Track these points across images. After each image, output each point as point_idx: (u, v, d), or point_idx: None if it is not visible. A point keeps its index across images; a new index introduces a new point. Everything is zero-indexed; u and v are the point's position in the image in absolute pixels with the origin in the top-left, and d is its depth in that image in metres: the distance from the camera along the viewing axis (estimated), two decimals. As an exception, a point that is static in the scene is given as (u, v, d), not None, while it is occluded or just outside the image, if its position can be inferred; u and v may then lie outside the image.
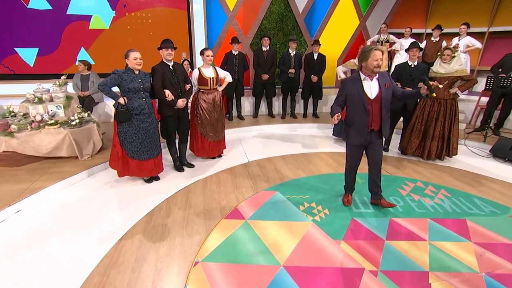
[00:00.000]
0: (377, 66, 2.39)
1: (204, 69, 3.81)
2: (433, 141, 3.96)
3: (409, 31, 6.07)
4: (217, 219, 2.79)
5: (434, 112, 3.90)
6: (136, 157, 3.26)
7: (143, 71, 3.18)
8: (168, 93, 3.30)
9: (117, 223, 2.71)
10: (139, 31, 6.21)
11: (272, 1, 6.60)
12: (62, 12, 5.79)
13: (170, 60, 3.35)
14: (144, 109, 3.14)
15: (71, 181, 3.49)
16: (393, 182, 3.48)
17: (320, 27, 6.99)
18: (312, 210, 2.91)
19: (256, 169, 3.86)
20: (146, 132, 3.22)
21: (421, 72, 3.89)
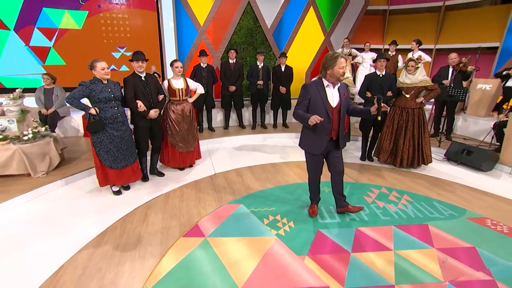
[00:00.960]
0: (342, 74, 2.22)
1: (173, 80, 3.55)
2: (404, 149, 3.85)
3: (369, 45, 6.14)
4: (174, 237, 2.44)
5: (403, 121, 3.82)
6: (114, 166, 3.03)
7: (112, 80, 2.97)
8: (140, 104, 3.06)
9: (61, 248, 2.28)
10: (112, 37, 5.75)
11: (242, 17, 6.46)
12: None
13: (142, 71, 3.14)
14: (117, 117, 2.94)
15: (22, 200, 3.00)
16: (359, 189, 3.30)
17: (288, 41, 6.94)
18: (276, 223, 2.63)
19: (222, 181, 3.55)
20: (121, 139, 3.02)
21: (389, 81, 3.82)
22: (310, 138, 2.45)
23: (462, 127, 5.49)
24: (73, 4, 5.36)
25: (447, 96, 4.57)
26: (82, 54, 5.47)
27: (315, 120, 2.18)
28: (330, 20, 7.06)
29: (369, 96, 3.90)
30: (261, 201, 3.02)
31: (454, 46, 6.65)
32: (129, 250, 2.26)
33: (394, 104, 3.92)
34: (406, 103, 3.78)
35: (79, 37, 5.52)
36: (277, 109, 5.89)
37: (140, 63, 3.09)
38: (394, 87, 3.84)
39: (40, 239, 2.41)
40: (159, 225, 2.63)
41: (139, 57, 3.08)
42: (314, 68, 7.22)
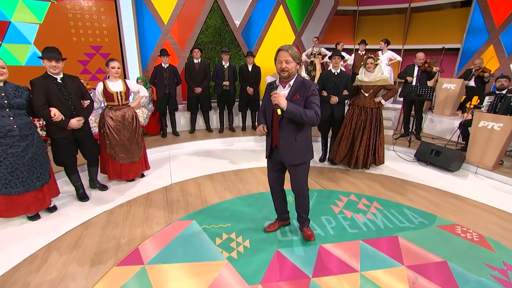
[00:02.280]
0: (282, 70, 1.84)
1: (110, 83, 3.02)
2: (360, 149, 3.61)
3: (342, 45, 5.95)
4: (107, 267, 1.99)
5: (361, 120, 3.57)
6: (3, 192, 2.29)
7: (12, 83, 2.31)
8: (54, 113, 2.43)
9: None
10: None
11: (209, 15, 6.03)
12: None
13: (58, 73, 2.51)
14: (11, 130, 2.23)
15: None
16: (327, 198, 2.98)
17: (258, 41, 6.59)
18: (230, 242, 2.24)
19: (176, 193, 3.10)
20: (19, 159, 2.29)
21: (344, 79, 3.57)
22: (266, 140, 2.12)
23: (430, 126, 5.40)
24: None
25: (415, 95, 4.41)
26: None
27: (258, 131, 2.02)
28: (301, 19, 6.80)
29: (325, 96, 3.63)
30: (216, 216, 2.62)
31: (420, 46, 6.61)
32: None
33: (353, 103, 3.68)
34: (365, 102, 3.55)
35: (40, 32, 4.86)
36: (245, 110, 5.51)
37: (54, 62, 2.43)
38: (349, 86, 3.60)
39: None
40: (92, 250, 2.16)
41: (51, 55, 2.41)
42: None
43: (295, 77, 1.91)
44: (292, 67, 1.84)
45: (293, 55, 1.81)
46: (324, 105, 3.66)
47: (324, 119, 3.73)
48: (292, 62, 1.82)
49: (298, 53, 1.86)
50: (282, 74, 1.86)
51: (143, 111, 4.79)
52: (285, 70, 1.83)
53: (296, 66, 1.86)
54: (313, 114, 1.83)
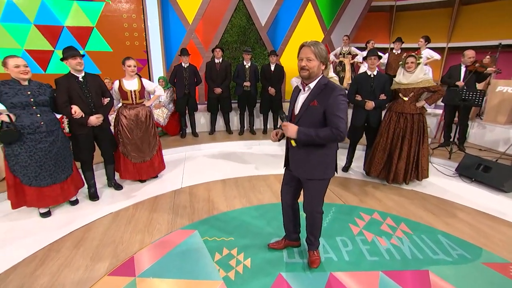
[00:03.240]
0: (301, 68, 1.58)
1: (125, 81, 3.01)
2: (400, 161, 3.14)
3: (372, 43, 5.41)
4: (99, 276, 1.89)
5: (400, 128, 3.11)
6: (34, 184, 2.43)
7: (38, 82, 2.41)
8: (75, 110, 2.50)
9: None
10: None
11: (233, 14, 5.90)
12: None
13: (80, 70, 2.58)
14: (39, 127, 2.35)
15: None
16: (346, 215, 2.63)
17: (284, 40, 6.32)
18: (230, 260, 2.03)
19: (185, 198, 2.97)
20: (46, 153, 2.43)
21: (382, 82, 3.14)
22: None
23: (477, 135, 4.67)
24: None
25: (459, 100, 3.80)
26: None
27: (271, 137, 1.83)
28: (330, 17, 6.38)
29: (360, 100, 3.24)
30: (221, 227, 2.42)
31: (470, 44, 5.79)
32: (30, 296, 1.73)
33: (389, 109, 3.23)
34: (404, 107, 3.09)
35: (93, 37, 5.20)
36: (267, 112, 5.27)
37: (78, 59, 2.52)
38: (388, 89, 3.16)
39: None
40: (88, 256, 2.08)
41: (75, 53, 2.50)
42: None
43: (317, 78, 1.61)
44: (314, 66, 1.55)
45: (316, 52, 1.54)
46: (358, 110, 3.32)
47: (358, 126, 3.36)
48: (314, 60, 1.55)
49: (324, 51, 1.57)
50: (301, 73, 1.59)
51: (163, 111, 4.79)
52: (305, 68, 1.56)
53: (320, 66, 1.58)
54: (329, 133, 1.51)
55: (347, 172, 3.71)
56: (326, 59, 1.59)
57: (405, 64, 3.02)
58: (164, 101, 4.86)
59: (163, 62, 5.69)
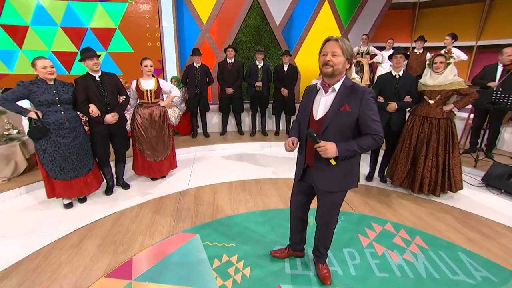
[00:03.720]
0: (324, 64, 1.39)
1: (142, 80, 3.06)
2: (425, 170, 2.90)
3: (391, 42, 5.13)
4: (96, 276, 1.88)
5: (424, 134, 2.88)
6: (59, 177, 2.58)
7: (62, 81, 2.53)
8: (92, 109, 2.59)
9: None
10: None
11: (248, 14, 5.83)
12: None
13: (97, 70, 2.66)
14: (63, 123, 2.49)
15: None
16: (356, 224, 2.47)
17: (299, 40, 6.16)
18: (228, 267, 1.94)
19: (189, 200, 2.93)
20: (69, 148, 2.56)
21: (408, 83, 2.91)
22: (298, 156, 1.74)
23: (509, 142, 4.28)
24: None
25: (488, 103, 3.48)
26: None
27: (286, 145, 1.59)
28: (348, 16, 6.14)
29: (382, 102, 3.04)
30: (223, 232, 2.34)
31: (503, 41, 5.33)
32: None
33: (413, 113, 3.00)
34: (429, 111, 2.85)
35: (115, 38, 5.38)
36: (279, 113, 5.15)
37: (95, 60, 2.59)
38: (414, 91, 2.93)
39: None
40: (89, 256, 2.08)
41: (92, 54, 2.58)
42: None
43: (342, 79, 1.44)
44: (339, 63, 1.38)
45: (343, 48, 1.37)
46: (380, 113, 3.10)
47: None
48: (340, 56, 1.37)
49: (350, 47, 1.41)
50: (324, 69, 1.39)
51: (174, 110, 4.81)
52: (329, 64, 1.37)
53: (345, 64, 1.41)
54: (371, 142, 1.40)
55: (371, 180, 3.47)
56: (352, 57, 1.42)
57: (433, 64, 2.78)
58: (176, 101, 4.88)
59: (177, 62, 5.74)
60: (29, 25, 5.21)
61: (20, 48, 5.29)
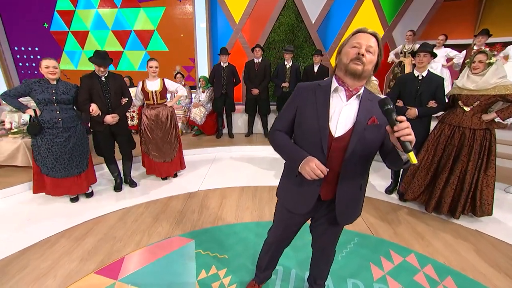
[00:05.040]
0: (355, 59, 1.04)
1: (148, 82, 3.06)
2: (448, 188, 2.43)
3: (443, 39, 4.43)
4: (87, 270, 1.92)
5: (453, 146, 2.42)
6: (51, 174, 2.66)
7: (66, 82, 2.62)
8: (93, 108, 2.64)
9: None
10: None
11: (282, 12, 5.64)
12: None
13: (104, 71, 2.70)
14: (57, 122, 2.54)
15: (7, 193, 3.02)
16: (371, 250, 2.12)
17: (336, 39, 5.74)
18: (214, 282, 1.81)
19: (196, 202, 2.87)
20: (61, 147, 2.61)
21: (433, 86, 2.47)
22: (290, 189, 1.28)
23: None
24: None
25: None
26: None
27: (312, 172, 1.06)
28: (394, 11, 5.50)
29: (401, 107, 2.61)
30: (219, 241, 2.22)
31: None
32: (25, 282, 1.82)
33: (442, 120, 2.52)
34: (463, 120, 2.37)
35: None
36: (308, 117, 4.84)
37: (102, 68, 2.64)
38: (440, 94, 2.47)
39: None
40: (88, 249, 2.15)
41: (99, 62, 2.63)
42: (368, 70, 5.77)
43: (363, 87, 1.13)
44: (372, 63, 1.06)
45: (379, 44, 1.08)
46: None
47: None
48: (374, 54, 1.06)
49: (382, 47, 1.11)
50: (352, 66, 1.05)
51: (200, 110, 4.86)
52: (362, 61, 1.04)
53: (373, 67, 1.09)
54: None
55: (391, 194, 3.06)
56: (378, 62, 1.11)
57: (471, 63, 2.28)
58: (203, 100, 4.93)
59: (209, 62, 5.82)
60: (89, 30, 5.94)
61: (82, 49, 6.09)
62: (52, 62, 2.46)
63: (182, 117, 5.06)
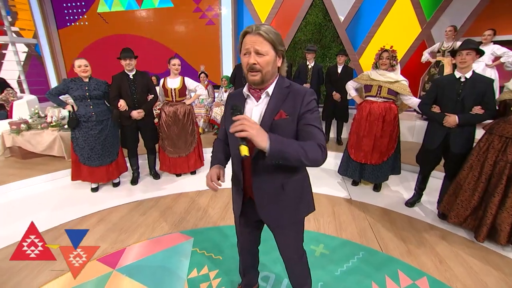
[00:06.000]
0: (250, 69, 1.04)
1: (169, 79, 3.21)
2: (504, 212, 2.07)
3: (490, 34, 3.89)
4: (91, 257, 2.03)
5: (505, 162, 2.05)
6: (87, 163, 2.95)
7: (96, 79, 2.87)
8: (121, 103, 2.88)
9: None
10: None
11: (309, 11, 5.47)
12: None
13: (131, 69, 2.93)
14: (91, 116, 2.82)
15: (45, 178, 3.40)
16: (375, 268, 1.93)
17: (367, 38, 5.40)
18: (202, 282, 1.80)
19: (204, 200, 2.91)
20: (96, 139, 2.89)
21: (481, 89, 2.15)
22: (233, 192, 1.35)
23: None
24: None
25: None
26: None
27: (210, 183, 1.18)
28: (434, 5, 4.99)
29: (437, 113, 2.33)
30: (217, 242, 2.21)
31: None
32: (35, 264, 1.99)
33: (491, 131, 2.17)
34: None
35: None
36: (330, 120, 4.63)
37: (128, 61, 2.85)
38: (489, 99, 2.13)
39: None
40: (96, 237, 2.29)
41: (126, 55, 2.84)
42: (401, 69, 5.33)
43: (275, 79, 1.12)
44: (268, 62, 1.04)
45: (269, 38, 1.01)
46: (434, 126, 2.42)
47: (432, 149, 2.46)
48: (268, 54, 1.03)
49: (278, 35, 1.05)
50: (250, 78, 1.06)
51: (222, 109, 4.93)
52: (255, 68, 1.03)
53: (277, 61, 1.08)
54: (316, 150, 0.98)
55: (412, 207, 2.78)
56: (283, 47, 1.07)
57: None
58: (225, 100, 5.00)
59: (233, 62, 5.88)
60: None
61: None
62: (83, 61, 2.71)
63: (204, 116, 5.18)
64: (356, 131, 3.02)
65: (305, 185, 1.25)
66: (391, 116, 2.81)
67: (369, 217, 2.56)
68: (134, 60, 2.91)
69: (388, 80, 2.75)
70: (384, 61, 2.77)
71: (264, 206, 1.21)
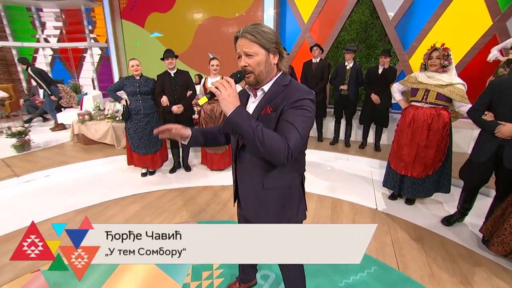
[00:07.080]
0: (244, 71, 1.08)
1: (209, 79, 3.45)
2: None
3: None
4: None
5: None
6: (136, 151, 3.38)
7: (146, 77, 3.26)
8: (163, 99, 3.21)
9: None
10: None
11: (354, 9, 5.19)
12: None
13: (172, 68, 3.25)
14: (140, 110, 3.20)
15: (96, 163, 3.99)
16: (385, 286, 1.76)
17: (419, 36, 4.87)
18: (204, 270, 1.89)
19: (226, 195, 3.02)
20: (143, 130, 3.27)
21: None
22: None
23: None
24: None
25: None
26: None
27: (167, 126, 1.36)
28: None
29: (490, 121, 1.99)
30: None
31: None
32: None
33: None
34: None
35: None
36: (368, 123, 4.33)
37: (170, 60, 3.16)
38: None
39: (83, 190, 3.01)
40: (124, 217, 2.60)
41: (168, 55, 3.15)
42: (462, 71, 4.66)
43: (275, 77, 1.11)
44: (259, 63, 1.05)
45: (255, 39, 1.02)
46: (484, 137, 2.09)
47: (480, 162, 2.12)
48: (258, 54, 1.04)
49: (270, 33, 1.04)
50: (246, 80, 1.11)
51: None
52: (247, 70, 1.06)
53: (270, 59, 1.07)
54: (278, 143, 0.95)
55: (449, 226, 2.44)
56: (277, 45, 1.06)
57: None
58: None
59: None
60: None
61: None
62: (136, 61, 3.10)
63: None
64: (398, 138, 2.73)
65: (293, 189, 1.19)
66: (439, 124, 2.44)
67: (392, 231, 2.34)
68: (175, 60, 3.21)
69: (438, 83, 2.40)
70: (433, 61, 2.39)
71: (246, 202, 1.22)
